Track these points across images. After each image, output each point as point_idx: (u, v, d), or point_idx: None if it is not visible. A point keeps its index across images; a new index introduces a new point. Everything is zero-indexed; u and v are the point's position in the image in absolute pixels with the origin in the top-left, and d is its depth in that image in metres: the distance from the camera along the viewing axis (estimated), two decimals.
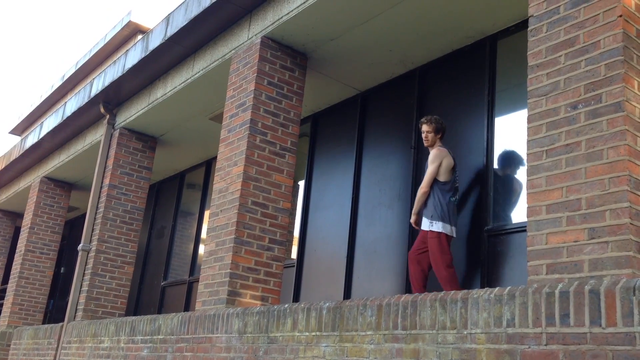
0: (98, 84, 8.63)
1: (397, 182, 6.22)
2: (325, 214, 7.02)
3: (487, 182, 5.36)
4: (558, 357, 2.86)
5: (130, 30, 14.30)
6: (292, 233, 7.47)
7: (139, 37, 13.24)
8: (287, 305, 4.57)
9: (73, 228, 13.27)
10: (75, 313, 8.13)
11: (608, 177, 3.14)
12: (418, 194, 5.21)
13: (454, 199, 5.16)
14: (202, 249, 8.73)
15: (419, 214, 5.21)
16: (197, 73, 7.03)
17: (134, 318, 6.53)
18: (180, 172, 10.18)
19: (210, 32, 6.73)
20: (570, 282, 3.03)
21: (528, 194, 3.47)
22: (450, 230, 5.04)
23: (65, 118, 9.43)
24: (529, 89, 3.63)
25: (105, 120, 8.79)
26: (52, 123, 9.90)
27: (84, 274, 8.25)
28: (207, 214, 9.10)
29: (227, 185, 5.91)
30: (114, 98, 8.61)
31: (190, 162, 9.78)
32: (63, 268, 13.14)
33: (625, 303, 2.69)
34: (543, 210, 3.36)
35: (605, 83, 3.27)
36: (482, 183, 5.40)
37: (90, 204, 8.50)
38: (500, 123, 5.48)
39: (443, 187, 5.10)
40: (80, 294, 8.16)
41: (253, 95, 5.93)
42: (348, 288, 6.38)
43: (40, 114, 18.22)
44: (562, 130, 3.39)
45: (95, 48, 15.38)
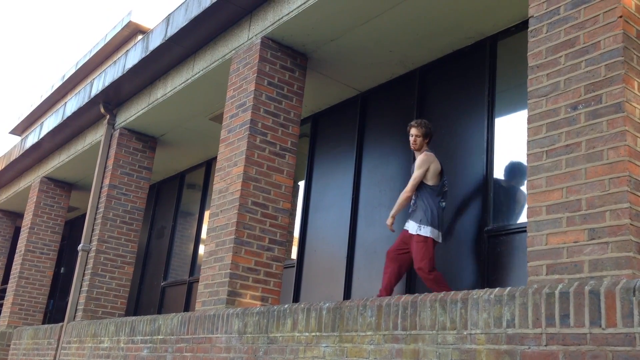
0: (98, 84, 8.63)
1: (397, 182, 6.22)
2: (325, 215, 7.02)
3: (487, 182, 5.36)
4: (558, 357, 2.86)
5: (131, 31, 14.30)
6: (292, 233, 7.47)
7: (139, 37, 13.23)
8: (287, 306, 4.57)
9: (73, 228, 13.27)
10: (75, 313, 8.13)
11: (608, 177, 3.13)
12: (401, 198, 5.15)
13: (443, 204, 5.11)
14: (202, 249, 8.72)
15: (409, 217, 5.12)
16: (197, 73, 7.03)
17: (134, 318, 6.53)
18: (181, 172, 10.18)
19: (211, 32, 6.73)
20: (570, 282, 3.03)
21: (528, 195, 3.47)
22: (437, 236, 4.98)
23: (66, 118, 9.44)
24: (529, 90, 3.63)
25: (106, 121, 8.79)
26: (52, 123, 9.90)
27: (84, 274, 8.25)
28: (207, 214, 9.10)
29: (227, 186, 5.91)
30: (114, 98, 8.61)
31: (191, 162, 9.78)
32: (63, 268, 13.14)
33: (625, 304, 2.69)
34: (543, 211, 3.36)
35: (606, 84, 3.27)
36: (482, 184, 5.40)
37: (90, 204, 8.50)
38: (501, 124, 5.48)
39: (432, 191, 5.05)
40: (80, 294, 8.16)
41: (253, 96, 5.93)
42: (348, 288, 6.37)
43: (41, 114, 18.22)
44: (562, 131, 3.39)
45: (96, 48, 15.38)
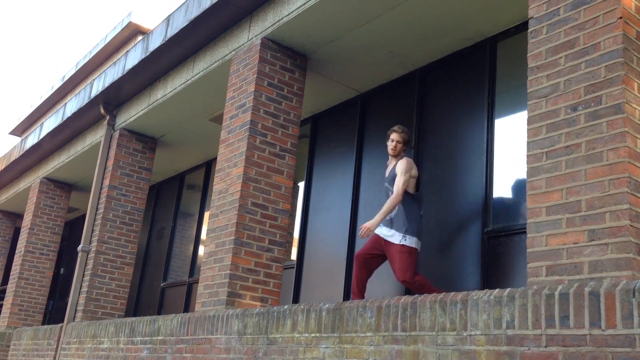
0: (98, 85, 8.64)
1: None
2: (325, 216, 7.02)
3: (487, 183, 5.35)
4: (558, 358, 2.86)
5: (131, 31, 14.30)
6: (292, 234, 7.47)
7: (139, 38, 13.24)
8: (286, 307, 4.56)
9: (73, 229, 13.26)
10: (75, 314, 8.13)
11: (608, 178, 3.13)
12: (391, 204, 4.83)
13: (422, 213, 5.07)
14: (201, 250, 8.72)
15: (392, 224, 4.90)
16: (197, 74, 7.03)
17: (134, 319, 6.53)
18: (180, 173, 10.17)
19: (211, 33, 6.73)
20: (570, 283, 3.02)
21: (528, 196, 3.47)
22: (419, 245, 4.93)
23: (65, 119, 9.44)
24: (529, 91, 3.63)
25: (105, 121, 8.79)
26: (52, 124, 9.90)
27: (84, 275, 8.25)
28: (207, 215, 9.10)
29: (227, 187, 5.91)
30: (114, 99, 8.61)
31: (190, 163, 9.78)
32: (63, 269, 13.14)
33: (625, 305, 2.69)
34: (543, 212, 3.36)
35: (605, 85, 3.27)
36: (482, 185, 5.40)
37: (90, 205, 8.50)
38: (500, 124, 5.48)
39: (413, 199, 4.95)
40: (80, 295, 8.16)
41: (253, 97, 5.93)
42: (348, 289, 6.37)
43: (40, 115, 18.22)
44: (562, 132, 3.39)
45: (96, 49, 15.39)
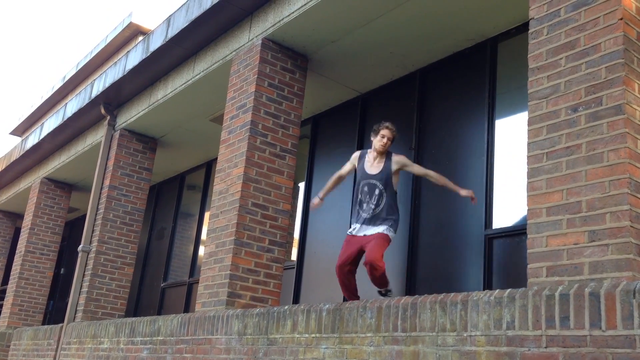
0: (99, 85, 8.64)
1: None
2: (326, 216, 7.01)
3: (487, 184, 5.35)
4: (558, 359, 2.86)
5: (131, 32, 14.30)
6: (292, 235, 7.46)
7: (140, 38, 13.23)
8: (287, 307, 4.57)
9: (73, 229, 13.26)
10: (75, 314, 8.13)
11: (608, 179, 3.13)
12: (439, 177, 4.79)
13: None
14: (202, 251, 8.72)
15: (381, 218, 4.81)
16: (197, 74, 7.03)
17: (134, 319, 6.53)
18: (181, 173, 10.18)
19: (211, 33, 6.73)
20: (571, 284, 3.02)
21: (528, 197, 3.47)
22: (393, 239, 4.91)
23: (66, 119, 9.44)
24: (530, 92, 3.63)
25: (106, 122, 8.79)
26: (52, 124, 9.90)
27: (84, 275, 8.25)
28: (207, 216, 9.10)
29: (227, 187, 5.91)
30: (115, 99, 8.61)
31: (191, 163, 9.78)
32: (63, 269, 13.14)
33: (626, 306, 2.69)
34: (543, 213, 3.35)
35: (606, 86, 3.27)
36: (482, 185, 5.40)
37: (91, 205, 8.50)
38: (501, 125, 5.48)
39: (396, 196, 4.92)
40: (80, 295, 8.16)
41: (253, 97, 5.93)
42: None
43: (41, 115, 18.21)
44: (562, 133, 3.39)
45: (96, 49, 15.38)
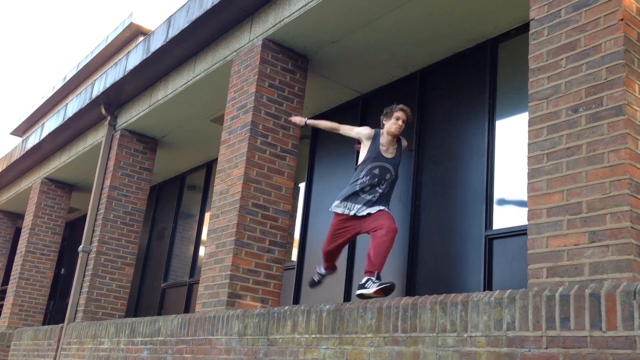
0: (99, 86, 8.64)
1: (397, 184, 6.20)
2: (326, 217, 6.99)
3: (488, 185, 5.35)
4: None
5: (132, 32, 14.30)
6: (292, 235, 7.46)
7: (141, 38, 13.25)
8: (287, 308, 4.57)
9: (74, 229, 13.27)
10: (75, 314, 8.13)
11: (609, 180, 3.13)
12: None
13: None
14: (202, 251, 8.72)
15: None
16: (198, 75, 7.03)
17: (134, 319, 6.53)
18: (181, 173, 10.17)
19: (212, 34, 6.73)
20: (571, 285, 3.02)
21: (528, 197, 3.47)
22: None
23: (67, 119, 9.44)
24: (530, 92, 3.63)
25: (106, 122, 8.80)
26: (53, 124, 9.91)
27: (84, 275, 8.25)
28: (207, 216, 9.10)
29: (227, 187, 5.91)
30: (115, 99, 8.61)
31: (191, 163, 9.78)
32: (63, 269, 13.14)
33: (626, 307, 2.69)
34: (544, 214, 3.35)
35: (606, 86, 3.27)
36: (483, 186, 5.39)
37: (91, 205, 8.50)
38: (501, 126, 5.48)
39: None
40: (81, 295, 8.16)
41: (254, 97, 5.93)
42: (348, 290, 6.37)
43: (42, 115, 18.22)
44: (563, 134, 3.39)
45: (97, 49, 15.38)
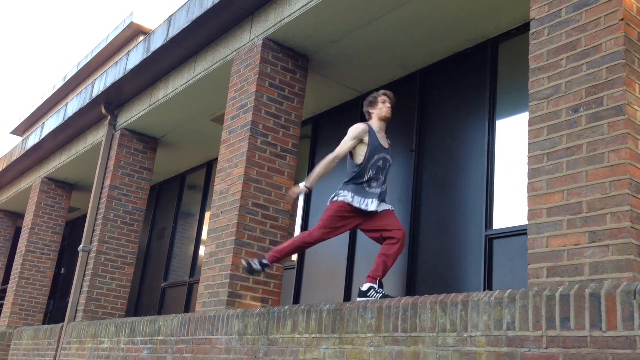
0: (99, 85, 8.64)
1: (397, 184, 6.21)
2: None
3: (488, 184, 5.35)
4: None
5: (132, 31, 14.30)
6: (292, 235, 7.46)
7: (141, 38, 13.24)
8: (287, 307, 4.57)
9: (74, 228, 13.27)
10: (75, 313, 8.13)
11: (609, 180, 3.13)
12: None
13: None
14: (202, 250, 8.72)
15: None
16: (198, 74, 7.03)
17: (134, 319, 6.53)
18: (181, 173, 10.18)
19: (212, 33, 6.73)
20: (571, 285, 3.02)
21: (529, 197, 3.47)
22: None
23: (67, 119, 9.44)
24: (530, 92, 3.63)
25: (107, 121, 8.80)
26: (53, 123, 9.91)
27: (84, 275, 8.25)
28: (207, 215, 9.10)
29: (227, 187, 5.91)
30: (115, 99, 8.61)
31: (191, 163, 9.78)
32: (63, 268, 13.14)
33: (626, 307, 2.69)
34: (544, 213, 3.35)
35: (607, 86, 3.27)
36: (483, 186, 5.39)
37: (91, 205, 8.50)
38: (501, 126, 5.48)
39: None
40: (81, 295, 8.16)
41: (254, 97, 5.93)
42: (348, 290, 6.37)
43: (42, 115, 18.22)
44: (563, 133, 3.39)
45: (97, 49, 15.38)
